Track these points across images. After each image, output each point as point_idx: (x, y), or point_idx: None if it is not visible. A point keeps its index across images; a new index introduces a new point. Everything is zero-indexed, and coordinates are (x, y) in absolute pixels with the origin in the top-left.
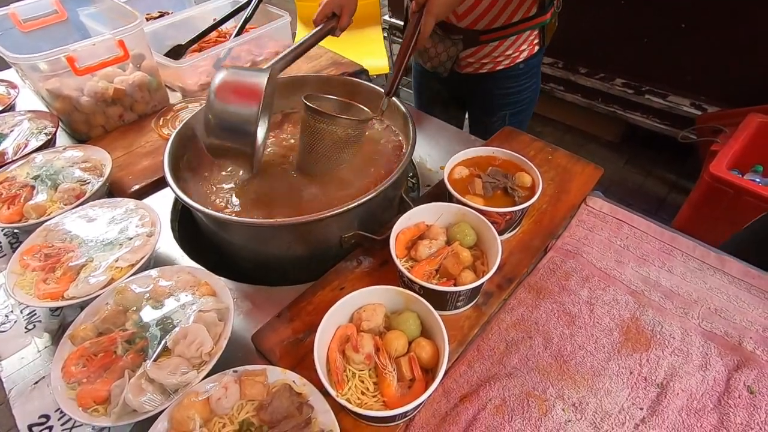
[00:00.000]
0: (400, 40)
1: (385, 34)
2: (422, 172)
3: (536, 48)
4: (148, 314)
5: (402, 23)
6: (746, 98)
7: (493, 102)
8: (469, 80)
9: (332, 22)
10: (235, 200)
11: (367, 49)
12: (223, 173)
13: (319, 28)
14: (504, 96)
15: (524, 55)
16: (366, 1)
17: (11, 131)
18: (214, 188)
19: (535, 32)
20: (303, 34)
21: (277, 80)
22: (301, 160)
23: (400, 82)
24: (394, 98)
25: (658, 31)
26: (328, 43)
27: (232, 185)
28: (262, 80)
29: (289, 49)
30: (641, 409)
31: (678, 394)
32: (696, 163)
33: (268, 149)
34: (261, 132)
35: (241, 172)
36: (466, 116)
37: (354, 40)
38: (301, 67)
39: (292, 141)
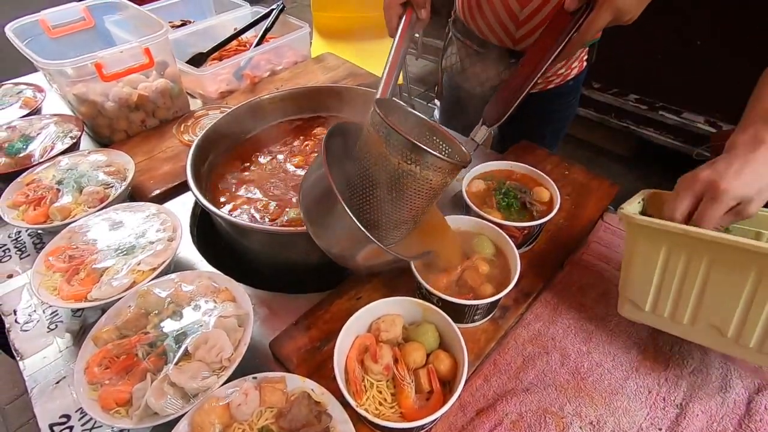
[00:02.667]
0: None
1: None
2: None
3: (584, 64)
4: (170, 318)
5: (417, 35)
6: None
7: (538, 121)
8: None
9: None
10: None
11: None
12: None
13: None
14: (550, 114)
15: (574, 72)
16: (382, 12)
17: (38, 134)
18: (234, 193)
19: (586, 49)
20: (319, 44)
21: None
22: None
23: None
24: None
25: (672, 47)
26: (345, 54)
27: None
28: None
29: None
30: (660, 429)
31: (698, 415)
32: None
33: (284, 154)
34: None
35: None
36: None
37: (370, 51)
38: (318, 78)
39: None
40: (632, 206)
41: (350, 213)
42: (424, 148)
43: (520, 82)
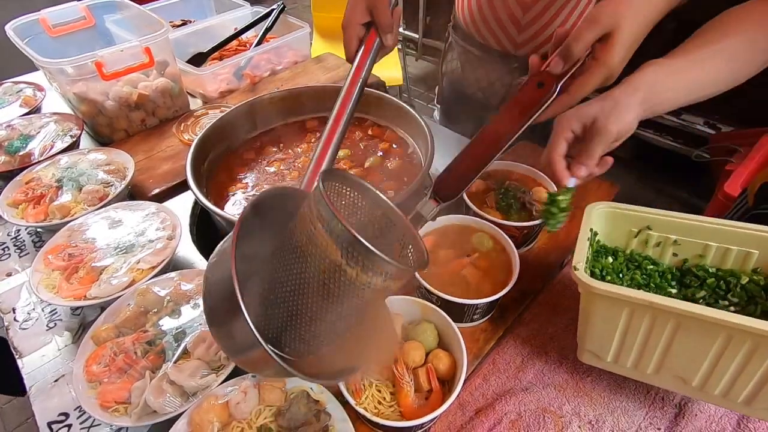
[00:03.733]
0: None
1: (399, 46)
2: None
3: None
4: (169, 317)
5: (416, 35)
6: (761, 118)
7: (539, 124)
8: None
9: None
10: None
11: (381, 62)
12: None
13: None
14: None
15: None
16: None
17: (38, 133)
18: (233, 192)
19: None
20: (319, 44)
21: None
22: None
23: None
24: (411, 109)
25: (672, 48)
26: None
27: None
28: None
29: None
30: (659, 429)
31: (696, 415)
32: (709, 182)
33: (284, 153)
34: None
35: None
36: None
37: None
38: (319, 78)
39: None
40: (583, 263)
41: (253, 328)
42: (367, 245)
43: (479, 160)
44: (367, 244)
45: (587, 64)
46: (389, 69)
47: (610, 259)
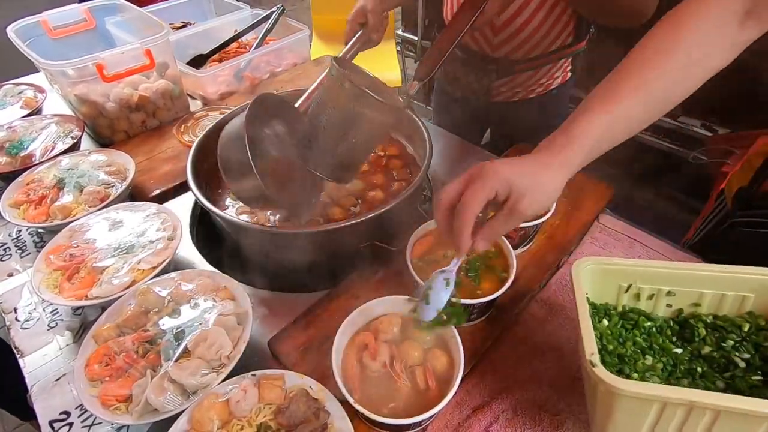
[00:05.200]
0: (413, 54)
1: (398, 48)
2: (436, 185)
3: (569, 74)
4: (169, 317)
5: (415, 37)
6: (757, 121)
7: (522, 128)
8: (499, 108)
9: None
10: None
11: (380, 63)
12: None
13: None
14: (534, 122)
15: (557, 82)
16: None
17: (39, 134)
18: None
19: (569, 59)
20: (319, 47)
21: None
22: (325, 143)
23: (440, 67)
24: (409, 111)
25: None
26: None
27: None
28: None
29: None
30: None
31: None
32: (705, 184)
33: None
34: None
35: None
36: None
37: (367, 53)
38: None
39: None
40: (597, 355)
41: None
42: (370, 93)
43: (445, 45)
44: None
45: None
46: (388, 71)
47: (605, 322)
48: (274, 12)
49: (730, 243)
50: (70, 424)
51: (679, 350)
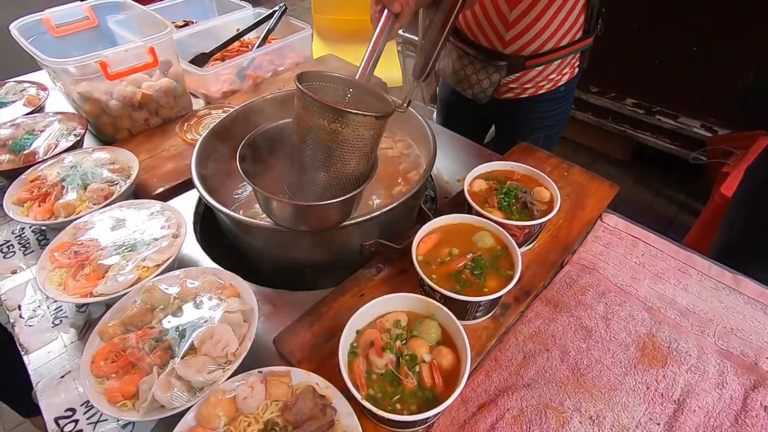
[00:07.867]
0: (413, 53)
1: (399, 48)
2: (439, 184)
3: (576, 70)
4: (175, 314)
5: (416, 37)
6: (757, 121)
7: (530, 125)
8: (507, 104)
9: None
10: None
11: (381, 63)
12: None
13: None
14: (542, 119)
15: (566, 78)
16: None
17: (42, 132)
18: (237, 191)
19: (578, 55)
20: (320, 46)
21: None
22: (294, 170)
23: (436, 62)
24: (412, 109)
25: (669, 53)
26: (344, 56)
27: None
28: None
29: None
30: (658, 424)
31: (695, 411)
32: (706, 184)
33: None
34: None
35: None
36: (487, 134)
37: None
38: None
39: None
40: None
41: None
42: (341, 108)
43: (433, 44)
44: (332, 104)
45: None
46: (389, 71)
47: None
48: (276, 11)
49: None
50: (76, 421)
51: None
